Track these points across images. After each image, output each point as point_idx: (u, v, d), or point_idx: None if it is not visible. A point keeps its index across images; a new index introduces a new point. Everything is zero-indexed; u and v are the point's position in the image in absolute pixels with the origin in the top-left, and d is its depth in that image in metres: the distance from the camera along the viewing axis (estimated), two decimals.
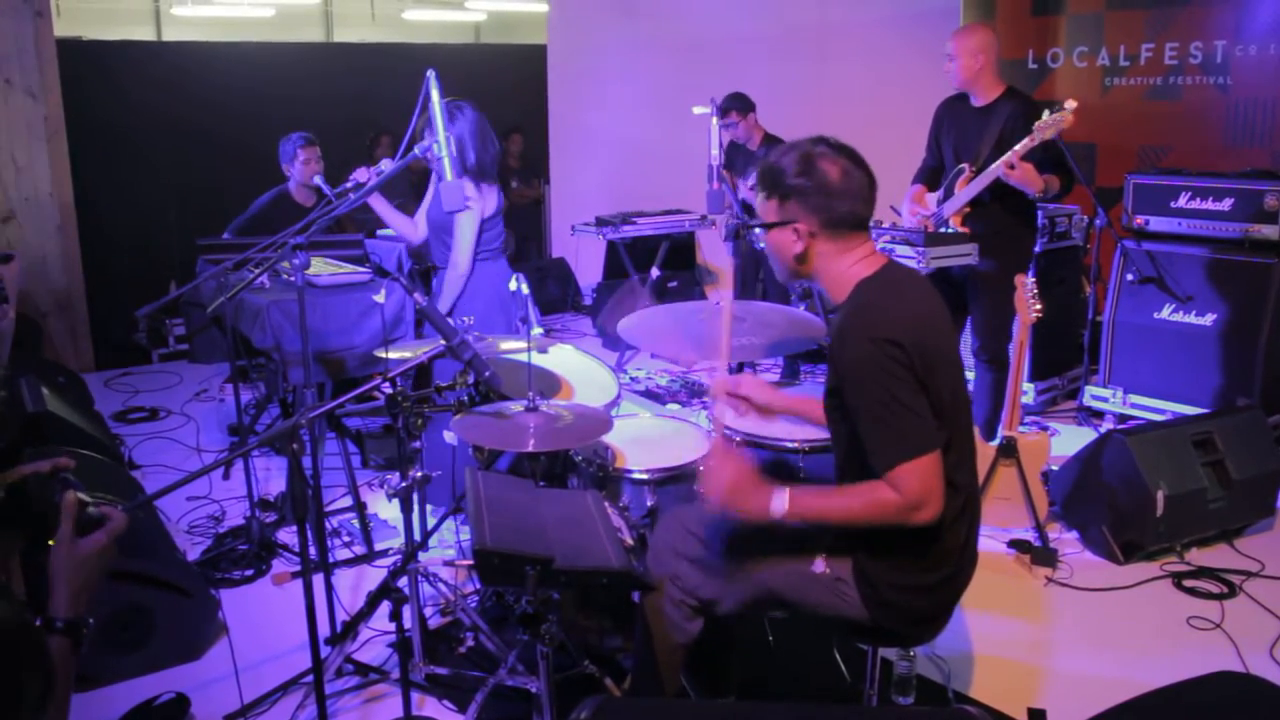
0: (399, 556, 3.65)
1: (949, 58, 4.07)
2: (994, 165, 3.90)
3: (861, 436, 2.04)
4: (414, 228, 4.03)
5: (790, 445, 2.85)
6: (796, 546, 2.22)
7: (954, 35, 4.11)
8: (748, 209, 5.53)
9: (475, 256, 3.77)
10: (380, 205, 3.96)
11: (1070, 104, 3.76)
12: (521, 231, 8.51)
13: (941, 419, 2.04)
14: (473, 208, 3.69)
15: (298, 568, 3.61)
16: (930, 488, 1.98)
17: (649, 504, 2.83)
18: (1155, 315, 4.78)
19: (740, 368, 3.83)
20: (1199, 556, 3.69)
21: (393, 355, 3.01)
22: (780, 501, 2.05)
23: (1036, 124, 3.79)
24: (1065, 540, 3.82)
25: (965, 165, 4.04)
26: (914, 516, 1.99)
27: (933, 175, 4.30)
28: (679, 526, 2.37)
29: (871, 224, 2.26)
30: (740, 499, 2.09)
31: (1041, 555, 3.62)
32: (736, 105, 5.70)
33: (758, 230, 2.20)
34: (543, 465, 3.03)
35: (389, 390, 2.55)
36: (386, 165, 3.49)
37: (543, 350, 3.35)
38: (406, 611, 2.57)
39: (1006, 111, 3.98)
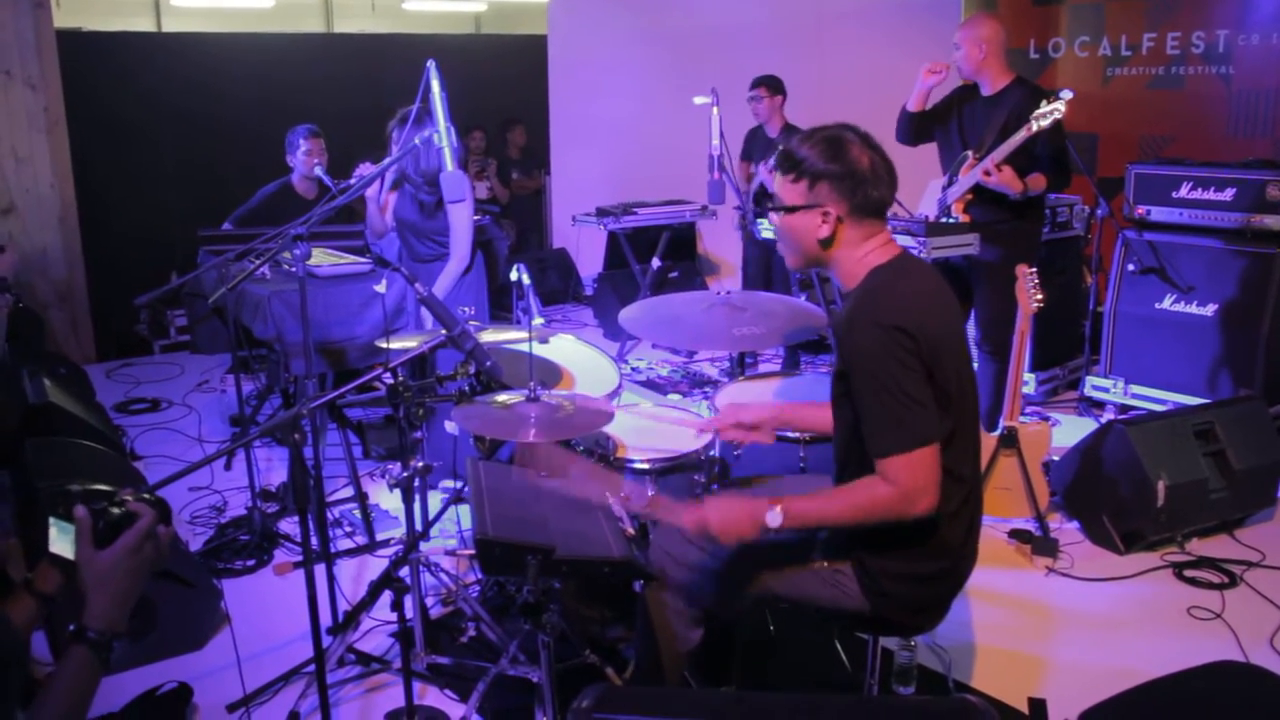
0: (400, 546, 3.66)
1: (955, 47, 4.10)
2: (974, 170, 3.93)
3: (862, 422, 2.04)
4: (383, 223, 4.19)
5: (792, 435, 2.85)
6: (797, 544, 2.22)
7: (961, 26, 4.16)
8: (765, 194, 5.49)
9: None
10: (372, 195, 4.03)
11: (1066, 93, 3.77)
12: (522, 222, 8.50)
13: (947, 409, 2.03)
14: (468, 200, 3.76)
15: (299, 558, 3.62)
16: (925, 479, 1.97)
17: (650, 494, 2.83)
18: (1157, 305, 4.77)
19: (742, 360, 3.84)
20: (1200, 546, 3.69)
21: (394, 345, 3.01)
22: (774, 515, 2.04)
23: (1034, 114, 3.79)
24: (1066, 530, 3.82)
25: (969, 152, 4.04)
26: (910, 509, 1.97)
27: (912, 121, 4.24)
28: (677, 534, 2.34)
29: None
30: (733, 525, 2.07)
31: (1042, 545, 3.62)
32: (767, 82, 5.68)
33: (775, 214, 2.17)
34: None
35: (390, 380, 2.55)
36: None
37: (544, 340, 3.35)
38: (408, 601, 2.57)
39: (1013, 100, 4.00)
